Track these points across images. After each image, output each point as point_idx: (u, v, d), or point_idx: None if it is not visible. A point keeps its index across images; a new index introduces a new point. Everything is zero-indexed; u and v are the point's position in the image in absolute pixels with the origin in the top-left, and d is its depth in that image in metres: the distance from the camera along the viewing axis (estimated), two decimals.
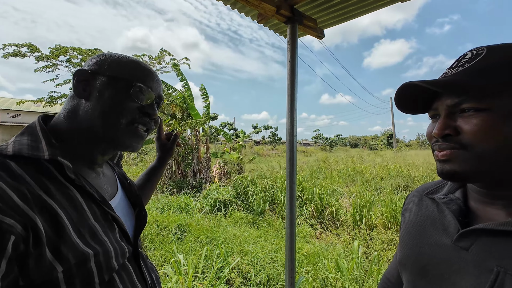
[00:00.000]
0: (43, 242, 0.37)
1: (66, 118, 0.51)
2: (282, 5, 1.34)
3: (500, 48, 0.40)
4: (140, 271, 0.54)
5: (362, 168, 9.29)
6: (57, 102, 12.92)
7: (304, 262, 2.94)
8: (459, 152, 0.41)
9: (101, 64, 0.52)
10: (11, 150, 0.42)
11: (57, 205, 0.41)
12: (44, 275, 0.38)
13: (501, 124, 0.37)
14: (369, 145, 37.57)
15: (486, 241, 0.39)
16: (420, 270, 0.47)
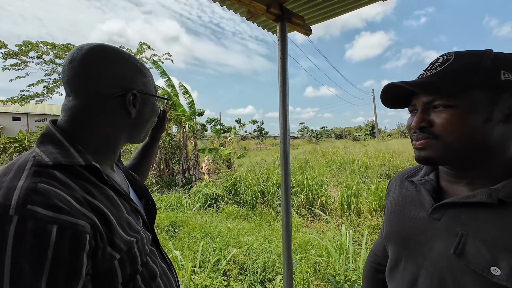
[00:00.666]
0: (104, 237, 0.43)
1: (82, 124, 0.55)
2: (272, 4, 1.38)
3: (465, 55, 0.48)
4: (161, 254, 0.62)
5: (348, 158, 9.64)
6: (29, 101, 12.14)
7: (297, 250, 3.08)
8: (432, 141, 0.49)
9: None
10: (49, 160, 0.44)
11: (102, 205, 0.46)
12: (107, 264, 0.44)
13: (464, 118, 0.46)
14: (353, 136, 38.73)
15: (453, 212, 0.48)
16: (402, 241, 0.56)
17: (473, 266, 0.42)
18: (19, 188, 0.38)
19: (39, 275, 0.35)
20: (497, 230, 0.42)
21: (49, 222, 0.36)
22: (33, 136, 14.27)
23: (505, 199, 0.43)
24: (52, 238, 0.36)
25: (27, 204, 0.36)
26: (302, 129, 48.13)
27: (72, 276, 0.38)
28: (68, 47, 12.27)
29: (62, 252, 0.37)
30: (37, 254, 0.35)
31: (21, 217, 0.35)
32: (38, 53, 11.49)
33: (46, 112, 26.75)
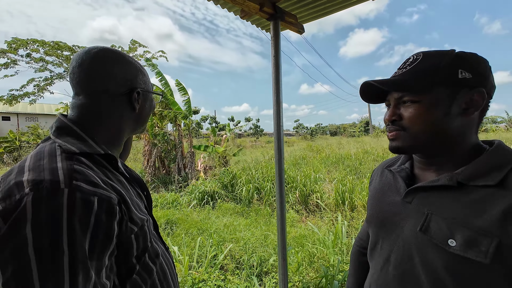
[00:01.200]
0: (125, 212, 0.51)
1: (94, 118, 0.62)
2: (265, 3, 1.41)
3: (430, 56, 0.54)
4: (160, 237, 0.71)
5: (343, 154, 9.77)
6: (19, 100, 11.88)
7: (292, 244, 3.15)
8: (401, 132, 0.56)
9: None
10: (75, 148, 0.51)
11: (119, 188, 0.53)
12: (127, 235, 0.51)
13: (427, 112, 0.52)
14: (348, 133, 39.12)
15: (422, 195, 0.55)
16: (381, 223, 0.62)
17: (435, 240, 0.49)
18: (61, 168, 0.45)
19: (85, 234, 0.42)
20: (456, 209, 0.49)
21: (91, 194, 0.44)
22: (24, 136, 13.99)
23: (464, 181, 0.49)
24: (94, 207, 0.44)
25: (72, 180, 0.44)
26: (297, 126, 48.33)
27: (107, 237, 0.45)
28: (59, 45, 12.01)
29: (101, 218, 0.44)
30: (85, 219, 0.42)
31: (70, 190, 0.43)
32: (28, 51, 11.22)
33: (37, 111, 26.19)
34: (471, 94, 0.51)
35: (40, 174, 0.43)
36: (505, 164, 0.49)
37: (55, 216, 0.40)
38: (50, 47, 11.60)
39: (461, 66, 0.51)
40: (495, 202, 0.45)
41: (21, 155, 11.81)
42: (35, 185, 0.42)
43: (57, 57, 12.01)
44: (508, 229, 0.43)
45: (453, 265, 0.46)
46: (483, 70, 0.52)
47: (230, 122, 18.90)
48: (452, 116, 0.52)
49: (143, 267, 0.56)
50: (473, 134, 0.54)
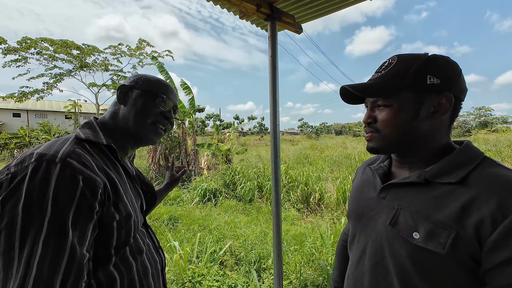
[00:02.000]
0: (110, 198, 0.57)
1: (110, 118, 0.71)
2: (262, 4, 1.43)
3: (403, 60, 0.56)
4: (149, 234, 0.76)
5: (346, 154, 9.71)
6: (28, 97, 12.18)
7: (292, 242, 3.18)
8: (375, 134, 0.59)
9: (137, 81, 0.72)
10: (83, 136, 0.61)
11: (113, 175, 0.60)
12: (109, 219, 0.57)
13: (396, 115, 0.55)
14: (353, 132, 38.74)
15: (394, 191, 0.58)
16: (358, 217, 0.66)
17: (401, 233, 0.52)
18: (64, 148, 0.54)
19: (69, 206, 0.49)
20: (422, 203, 0.52)
21: (78, 172, 0.51)
22: (34, 132, 14.34)
23: (430, 179, 0.53)
24: (80, 183, 0.51)
25: (67, 158, 0.52)
26: (302, 125, 48.11)
27: (89, 211, 0.52)
28: (67, 43, 12.25)
29: (85, 193, 0.51)
30: (71, 191, 0.50)
31: (63, 165, 0.50)
32: (38, 49, 11.50)
33: (46, 108, 26.77)
34: (439, 99, 0.53)
35: (47, 150, 0.52)
36: (467, 163, 0.51)
37: (44, 182, 0.48)
38: (59, 45, 11.86)
39: (430, 71, 0.53)
40: (454, 198, 0.48)
41: None
42: (39, 157, 0.50)
43: (65, 54, 12.27)
44: (464, 223, 0.46)
45: (416, 256, 0.50)
46: (451, 75, 0.53)
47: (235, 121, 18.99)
48: (420, 120, 0.54)
49: (121, 260, 0.59)
50: (443, 135, 0.57)
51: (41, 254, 0.45)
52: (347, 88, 0.59)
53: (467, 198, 0.47)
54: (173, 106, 0.76)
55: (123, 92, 0.70)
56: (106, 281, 0.56)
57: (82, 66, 13.19)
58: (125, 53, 14.17)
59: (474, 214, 0.45)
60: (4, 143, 12.68)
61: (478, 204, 0.45)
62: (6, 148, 12.62)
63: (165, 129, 0.75)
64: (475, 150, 0.54)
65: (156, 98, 0.71)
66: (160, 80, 0.75)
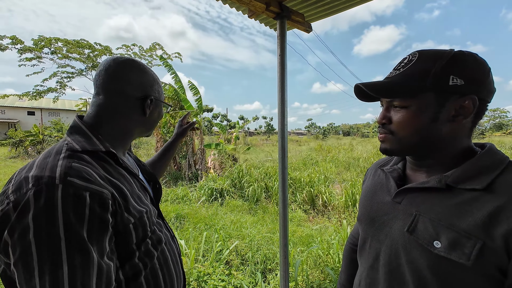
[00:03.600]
0: (121, 205, 0.56)
1: (107, 123, 0.67)
2: (271, 2, 1.42)
3: (425, 57, 0.52)
4: (165, 226, 0.76)
5: (354, 155, 9.57)
6: (42, 96, 12.54)
7: (298, 244, 3.15)
8: (389, 136, 0.56)
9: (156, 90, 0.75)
10: (78, 147, 0.57)
11: (118, 182, 0.59)
12: (124, 225, 0.57)
13: (414, 118, 0.52)
14: (361, 133, 38.18)
15: (411, 196, 0.55)
16: (370, 221, 0.62)
17: (421, 241, 0.49)
18: (60, 166, 0.51)
19: (81, 224, 0.48)
20: (443, 211, 0.48)
21: (83, 189, 0.49)
22: (47, 130, 14.79)
23: (452, 184, 0.49)
24: (87, 201, 0.49)
25: (67, 176, 0.49)
26: (309, 126, 47.77)
27: (102, 225, 0.51)
28: (80, 43, 12.56)
29: (94, 209, 0.50)
30: (79, 211, 0.48)
31: (64, 185, 0.48)
32: (52, 49, 11.82)
33: (58, 106, 27.56)
34: (462, 101, 0.49)
35: (42, 171, 0.50)
36: (493, 168, 0.48)
37: (51, 207, 0.46)
38: (72, 45, 12.17)
39: (454, 71, 0.49)
40: (480, 205, 0.45)
41: (44, 148, 12.50)
42: (36, 180, 0.48)
43: (78, 54, 12.58)
44: (492, 233, 0.43)
45: (437, 266, 0.47)
46: (478, 76, 0.49)
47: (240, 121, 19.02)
48: (440, 123, 0.51)
49: (144, 253, 0.61)
50: (464, 138, 0.53)
51: (70, 276, 0.45)
52: (361, 86, 0.55)
53: (495, 206, 0.44)
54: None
55: (148, 105, 0.71)
56: (132, 272, 0.59)
57: (94, 66, 13.50)
58: (136, 54, 14.43)
59: (504, 224, 0.42)
60: (19, 141, 13.13)
61: (507, 213, 0.42)
62: (21, 146, 13.06)
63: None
64: (500, 154, 0.51)
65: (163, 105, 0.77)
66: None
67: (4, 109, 26.96)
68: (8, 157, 12.18)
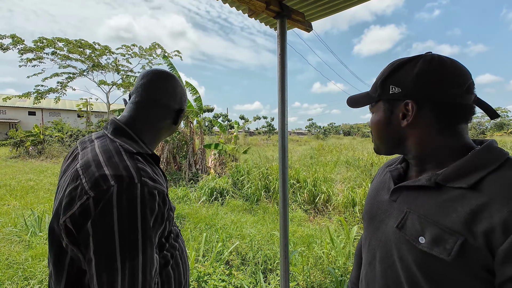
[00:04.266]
0: (168, 202, 0.63)
1: (149, 131, 0.74)
2: (272, 1, 1.41)
3: (386, 67, 0.59)
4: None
5: (354, 155, 9.56)
6: (44, 97, 12.56)
7: (299, 243, 3.15)
8: (373, 137, 0.65)
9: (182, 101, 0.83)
10: (132, 149, 0.64)
11: (162, 181, 0.64)
12: (166, 219, 0.63)
13: (376, 123, 0.61)
14: (361, 133, 38.13)
15: (405, 194, 0.57)
16: (371, 219, 0.64)
17: (408, 237, 0.51)
18: (131, 166, 0.58)
19: (151, 217, 0.55)
20: (431, 208, 0.50)
21: (153, 188, 0.57)
22: (47, 130, 14.80)
23: (441, 182, 0.50)
24: (157, 198, 0.57)
25: (141, 176, 0.56)
26: (310, 126, 47.77)
27: (162, 220, 0.59)
28: (81, 43, 12.57)
29: (160, 205, 0.58)
30: (151, 206, 0.56)
31: (141, 184, 0.55)
32: (53, 50, 11.83)
33: (59, 106, 27.61)
34: (402, 106, 0.56)
35: (118, 170, 0.55)
36: (483, 167, 0.48)
37: (132, 203, 0.53)
38: (73, 45, 12.18)
39: (392, 81, 0.56)
40: (465, 202, 0.45)
41: (45, 148, 12.49)
42: (118, 179, 0.54)
43: (79, 54, 12.59)
44: (473, 230, 0.43)
45: (422, 261, 0.48)
46: (414, 80, 0.53)
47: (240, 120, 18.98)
48: (395, 126, 0.58)
49: (170, 245, 0.70)
50: (437, 137, 0.54)
51: (143, 264, 0.52)
52: (351, 98, 0.66)
53: (478, 204, 0.44)
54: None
55: (181, 116, 0.78)
56: (164, 261, 0.66)
57: (95, 66, 13.51)
58: (136, 54, 14.43)
59: (485, 221, 0.42)
60: (20, 141, 13.14)
61: (489, 211, 0.42)
62: (22, 146, 13.07)
63: None
64: (497, 151, 0.50)
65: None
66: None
67: (5, 109, 27.02)
68: (9, 157, 12.19)
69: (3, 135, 23.63)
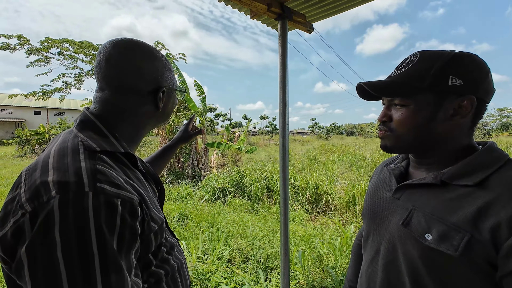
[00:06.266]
0: (147, 212, 0.51)
1: (121, 120, 0.59)
2: (273, 3, 1.44)
3: (425, 58, 0.54)
4: (171, 232, 0.71)
5: (357, 155, 9.53)
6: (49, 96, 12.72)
7: (300, 243, 3.17)
8: (388, 133, 0.59)
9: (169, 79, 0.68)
10: (96, 146, 0.50)
11: (138, 187, 0.52)
12: (148, 233, 0.52)
13: (413, 116, 0.54)
14: (365, 133, 37.91)
15: (409, 192, 0.58)
16: (372, 216, 0.65)
17: (414, 234, 0.52)
18: (84, 169, 0.44)
19: (112, 235, 0.42)
20: (437, 205, 0.51)
21: (114, 196, 0.44)
22: (53, 129, 15.02)
23: (447, 181, 0.52)
24: (119, 209, 0.43)
25: (96, 182, 0.43)
26: (313, 126, 47.62)
27: (132, 236, 0.45)
28: (86, 44, 12.72)
29: (125, 218, 0.44)
30: (111, 220, 0.42)
31: (95, 193, 0.42)
32: (59, 50, 11.97)
33: (64, 106, 27.94)
34: (460, 101, 0.51)
35: (65, 175, 0.43)
36: (489, 165, 0.50)
37: (82, 219, 0.40)
38: (78, 46, 12.33)
39: (453, 72, 0.50)
40: (472, 200, 0.47)
41: None
42: (61, 187, 0.41)
43: (84, 55, 12.75)
44: (480, 226, 0.44)
45: (427, 257, 0.49)
46: (476, 76, 0.51)
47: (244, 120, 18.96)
48: (438, 122, 0.53)
49: (161, 260, 0.57)
50: (463, 137, 0.55)
51: None
52: (363, 85, 0.57)
53: (485, 201, 0.45)
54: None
55: (160, 98, 0.61)
56: (154, 280, 0.55)
57: None
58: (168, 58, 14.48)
59: (491, 218, 0.44)
60: (26, 140, 13.35)
61: (496, 207, 0.44)
62: (27, 144, 13.29)
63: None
64: (499, 152, 0.52)
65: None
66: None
67: (11, 108, 27.43)
68: (15, 155, 12.40)
69: (9, 134, 24.00)
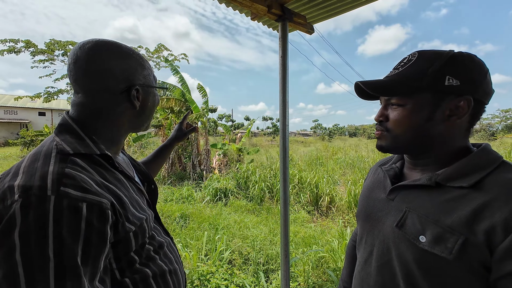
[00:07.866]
0: (121, 214, 0.51)
1: (96, 121, 0.58)
2: (273, 5, 1.44)
3: (423, 58, 0.53)
4: (164, 231, 0.71)
5: (359, 156, 9.48)
6: (54, 97, 12.86)
7: (301, 244, 3.15)
8: (385, 133, 0.58)
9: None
10: (69, 149, 0.50)
11: (115, 188, 0.53)
12: (124, 234, 0.52)
13: (410, 116, 0.54)
14: (367, 134, 37.73)
15: (403, 193, 0.57)
16: (366, 217, 0.65)
17: (408, 236, 0.51)
18: (51, 173, 0.44)
19: (76, 241, 0.42)
20: (431, 207, 0.50)
21: (79, 200, 0.43)
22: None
23: (441, 182, 0.51)
24: (84, 213, 0.43)
25: (60, 186, 0.43)
26: (315, 127, 47.53)
27: (101, 241, 0.45)
28: None
29: (92, 223, 0.44)
30: (74, 226, 0.42)
31: (57, 197, 0.42)
32: (62, 51, 12.11)
33: (68, 107, 28.23)
34: (457, 102, 0.50)
35: (30, 179, 0.43)
36: (483, 167, 0.49)
37: (41, 223, 0.40)
38: None
39: (450, 72, 0.49)
40: (466, 202, 0.46)
41: None
42: (24, 191, 0.41)
43: None
44: (475, 228, 0.44)
45: (422, 259, 0.49)
46: (474, 77, 0.50)
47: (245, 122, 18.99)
48: (434, 122, 0.52)
49: (146, 258, 0.57)
50: (459, 138, 0.54)
51: None
52: (360, 85, 0.56)
53: (479, 203, 0.45)
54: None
55: (135, 96, 0.60)
56: (139, 277, 0.55)
57: None
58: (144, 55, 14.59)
59: (486, 220, 0.43)
60: (31, 140, 13.50)
61: (491, 210, 0.43)
62: (32, 145, 13.43)
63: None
64: (493, 154, 0.52)
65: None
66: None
67: (16, 110, 27.77)
68: (20, 156, 12.54)
69: (14, 135, 24.31)
